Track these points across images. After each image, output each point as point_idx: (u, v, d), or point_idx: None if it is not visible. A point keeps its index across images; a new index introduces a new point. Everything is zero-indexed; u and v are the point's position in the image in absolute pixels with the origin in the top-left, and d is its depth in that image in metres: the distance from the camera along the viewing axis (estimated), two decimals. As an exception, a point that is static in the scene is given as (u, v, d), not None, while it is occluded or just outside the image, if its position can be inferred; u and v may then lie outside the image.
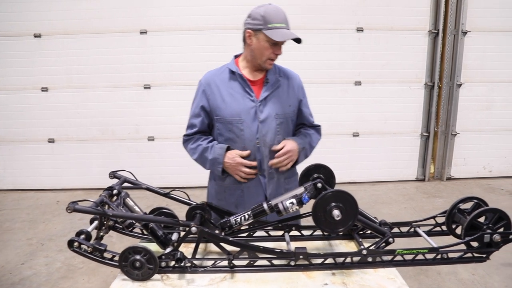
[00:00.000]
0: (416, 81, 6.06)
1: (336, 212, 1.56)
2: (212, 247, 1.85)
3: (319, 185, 1.73)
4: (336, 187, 1.71)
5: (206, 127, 2.25)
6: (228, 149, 2.16)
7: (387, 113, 6.10)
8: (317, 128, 2.40)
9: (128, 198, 1.81)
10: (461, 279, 3.52)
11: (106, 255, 1.69)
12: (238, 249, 1.71)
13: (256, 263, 1.70)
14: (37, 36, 5.66)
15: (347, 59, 5.87)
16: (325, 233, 1.95)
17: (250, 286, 1.60)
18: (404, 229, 2.07)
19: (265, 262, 1.70)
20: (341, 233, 1.76)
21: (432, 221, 2.12)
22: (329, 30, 5.74)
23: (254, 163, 2.15)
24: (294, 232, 1.99)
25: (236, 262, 1.69)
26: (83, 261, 3.83)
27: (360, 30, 5.80)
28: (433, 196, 5.70)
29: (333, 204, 1.58)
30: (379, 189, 6.00)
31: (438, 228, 2.10)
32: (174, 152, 5.95)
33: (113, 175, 2.00)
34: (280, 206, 1.71)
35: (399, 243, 1.83)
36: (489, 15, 5.86)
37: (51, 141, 6.02)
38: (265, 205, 1.74)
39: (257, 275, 1.67)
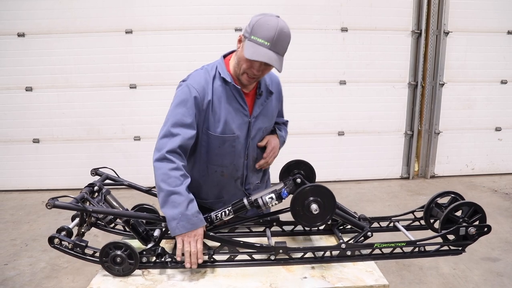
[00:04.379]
0: (400, 81, 6.13)
1: (314, 206, 1.59)
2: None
3: (298, 180, 1.75)
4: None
5: (187, 144, 1.86)
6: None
7: (371, 112, 6.16)
8: (286, 123, 2.30)
9: (109, 195, 1.83)
10: (443, 273, 3.58)
11: (87, 251, 1.70)
12: (219, 244, 1.73)
13: (237, 258, 1.72)
14: (20, 35, 5.60)
15: (331, 59, 5.92)
16: (305, 228, 1.97)
17: (230, 281, 1.62)
18: (384, 224, 2.11)
19: (246, 257, 1.73)
20: (320, 227, 1.78)
21: (411, 216, 2.17)
22: (313, 30, 5.78)
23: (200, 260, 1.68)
24: (276, 228, 2.01)
25: (216, 257, 1.71)
26: (68, 260, 3.81)
27: (344, 30, 5.85)
28: (417, 194, 5.77)
29: (311, 198, 1.60)
30: (364, 187, 6.06)
31: (417, 223, 2.15)
32: (160, 151, 5.94)
33: (95, 172, 2.01)
34: (260, 201, 1.73)
35: (380, 238, 1.86)
36: (470, 16, 5.96)
37: (36, 141, 5.96)
38: (245, 201, 1.77)
39: (237, 269, 1.69)
